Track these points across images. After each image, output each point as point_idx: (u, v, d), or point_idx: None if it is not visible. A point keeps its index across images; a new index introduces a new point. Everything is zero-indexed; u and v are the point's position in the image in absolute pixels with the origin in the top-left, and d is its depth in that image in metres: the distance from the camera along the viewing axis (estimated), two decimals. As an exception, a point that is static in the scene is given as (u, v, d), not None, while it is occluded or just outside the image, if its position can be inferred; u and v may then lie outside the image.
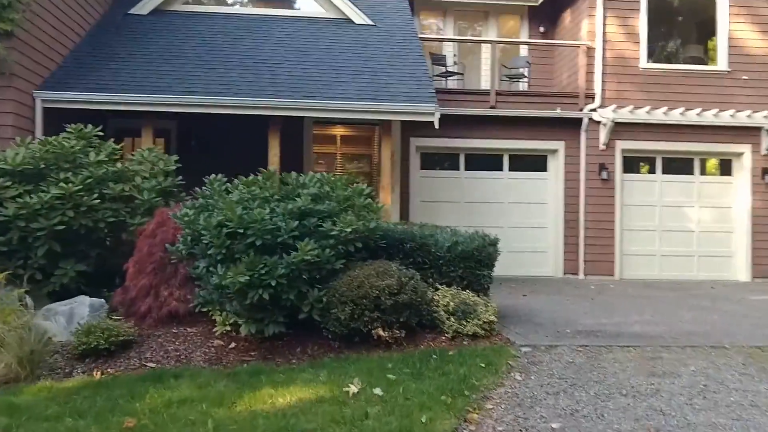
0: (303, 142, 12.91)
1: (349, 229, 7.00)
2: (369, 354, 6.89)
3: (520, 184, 14.75)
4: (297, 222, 6.84)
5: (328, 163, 14.40)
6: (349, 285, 6.88)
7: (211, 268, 6.90)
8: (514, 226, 14.65)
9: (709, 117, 14.27)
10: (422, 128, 13.75)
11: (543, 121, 14.42)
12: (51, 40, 10.93)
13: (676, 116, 14.23)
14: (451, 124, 13.99)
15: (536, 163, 14.92)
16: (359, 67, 11.93)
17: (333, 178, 7.80)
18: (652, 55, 14.65)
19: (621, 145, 14.42)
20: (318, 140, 13.76)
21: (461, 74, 15.38)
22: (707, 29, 14.94)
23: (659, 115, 14.22)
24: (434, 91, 11.42)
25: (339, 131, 14.93)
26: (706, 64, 14.97)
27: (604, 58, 14.33)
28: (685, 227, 14.72)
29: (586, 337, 7.79)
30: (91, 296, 8.11)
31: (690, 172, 14.86)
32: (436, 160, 14.95)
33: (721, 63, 14.62)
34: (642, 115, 14.22)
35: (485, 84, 15.84)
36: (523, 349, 7.11)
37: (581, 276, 14.32)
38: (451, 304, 7.48)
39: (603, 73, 14.33)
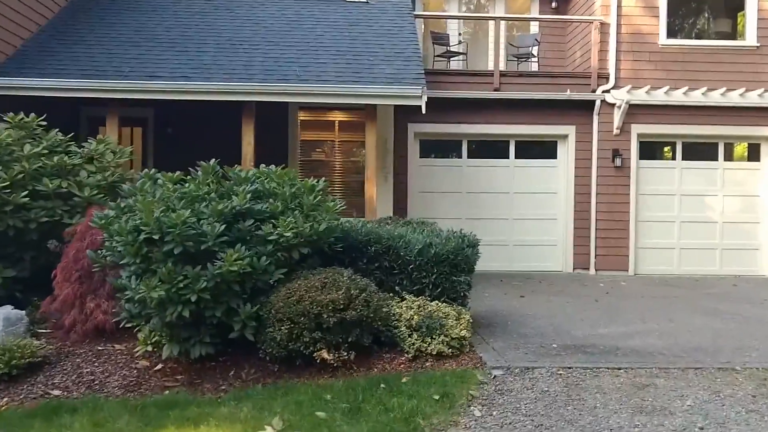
0: (288, 130, 11.86)
1: (289, 233, 5.94)
2: (311, 380, 5.84)
3: (527, 173, 13.51)
4: (224, 225, 5.79)
5: (326, 152, 13.29)
6: (287, 300, 5.83)
7: (133, 279, 5.91)
8: (520, 217, 13.44)
9: (735, 97, 12.84)
10: (420, 113, 12.54)
11: (552, 104, 13.13)
12: (9, 23, 10.00)
13: (698, 97, 12.82)
14: (453, 109, 12.83)
15: (545, 149, 13.65)
16: (344, 48, 10.82)
17: (281, 172, 6.73)
18: (672, 31, 13.21)
19: (637, 129, 13.06)
20: (312, 127, 12.65)
21: (464, 54, 14.12)
22: (734, 1, 13.46)
23: (679, 96, 12.82)
24: (423, 71, 10.25)
25: (337, 117, 13.75)
26: (733, 39, 13.50)
27: (619, 34, 12.96)
28: (708, 218, 13.33)
29: (574, 353, 6.63)
30: (26, 304, 7.23)
31: (713, 157, 13.44)
32: (437, 148, 13.77)
33: (750, 38, 13.13)
34: (660, 96, 12.84)
35: (493, 65, 14.55)
36: (494, 373, 5.99)
37: (592, 271, 13.07)
38: (415, 318, 6.38)
39: (617, 51, 12.97)
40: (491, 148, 13.69)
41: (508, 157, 13.54)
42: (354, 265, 7.00)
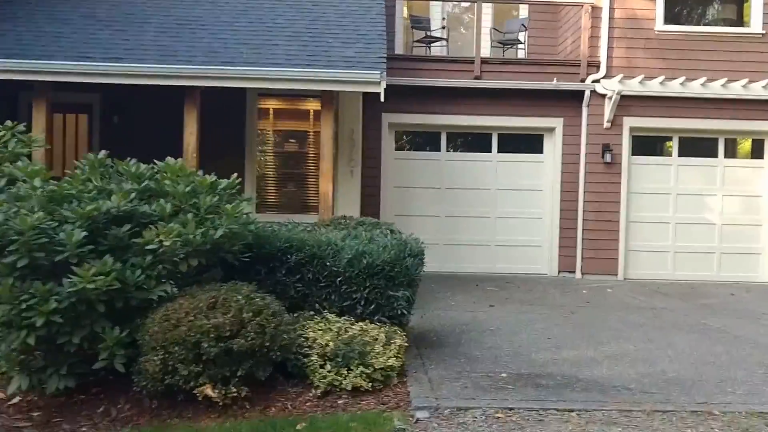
0: (245, 119, 10.70)
1: (168, 242, 4.79)
2: (194, 420, 4.72)
3: (511, 168, 12.27)
4: (86, 233, 4.65)
5: (299, 143, 12.03)
6: (163, 324, 4.68)
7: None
8: (503, 216, 12.22)
9: (737, 88, 11.51)
10: (395, 102, 11.44)
11: (538, 94, 11.87)
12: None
13: (697, 88, 11.51)
14: (431, 98, 11.64)
15: (530, 143, 12.41)
16: (301, 29, 9.62)
17: (177, 167, 5.57)
18: (670, 16, 11.86)
19: (629, 122, 11.78)
20: (276, 116, 11.46)
21: (445, 39, 12.87)
22: (738, -16, 12.14)
23: (676, 87, 11.52)
24: (384, 56, 9.03)
25: (303, 105, 12.51)
26: (736, 26, 12.15)
27: (611, 19, 11.66)
28: (705, 219, 12.04)
29: (524, 386, 5.44)
30: None
31: (712, 154, 12.12)
32: (414, 140, 12.59)
33: (755, 24, 11.78)
34: (654, 86, 11.55)
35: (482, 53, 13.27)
36: (417, 415, 4.81)
37: (578, 275, 11.85)
38: (331, 344, 5.22)
39: (610, 38, 11.68)
40: (473, 141, 12.49)
41: (490, 151, 12.32)
42: (272, 278, 5.87)
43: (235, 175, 5.86)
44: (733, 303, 9.75)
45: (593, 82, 11.67)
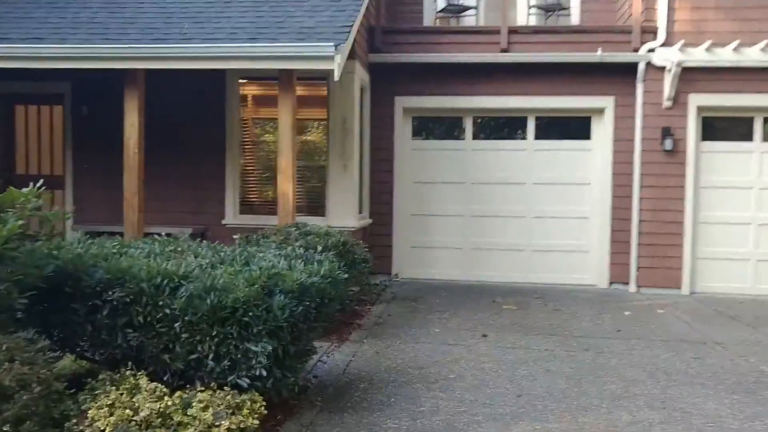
0: (225, 106, 9.09)
1: None
2: None
3: (550, 158, 10.03)
4: None
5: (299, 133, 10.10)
6: None
7: None
8: (540, 215, 10.03)
9: (843, 53, 8.71)
10: (411, 83, 9.66)
11: (582, 68, 9.57)
12: None
13: (786, 54, 8.81)
14: (453, 77, 9.71)
15: (574, 128, 10.11)
16: (262, -3, 7.85)
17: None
18: (752, -35, 9.20)
19: (696, 100, 9.24)
20: (262, 103, 9.66)
21: (473, 8, 10.71)
22: None
23: (756, 54, 8.88)
24: (350, 25, 7.10)
25: (305, 91, 10.75)
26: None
27: (674, -28, 9.16)
28: (798, 220, 9.33)
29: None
30: None
31: (809, 138, 9.36)
32: (433, 126, 10.57)
33: None
34: (727, 54, 8.96)
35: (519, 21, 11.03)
36: None
37: (632, 288, 9.49)
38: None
39: (672, -4, 9.19)
40: (504, 127, 10.34)
41: (525, 138, 10.13)
42: (93, 321, 4.20)
43: (41, 182, 4.20)
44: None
45: (649, 51, 9.21)
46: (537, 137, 10.08)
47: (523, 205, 10.04)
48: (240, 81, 9.14)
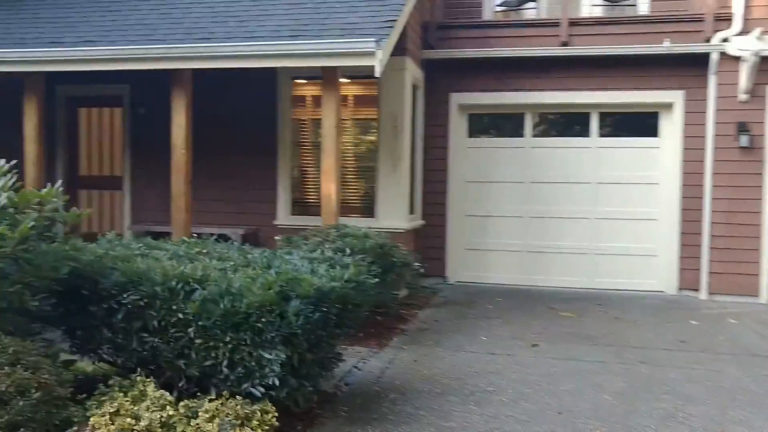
0: (277, 106, 9.00)
1: None
2: None
3: (616, 156, 9.50)
4: None
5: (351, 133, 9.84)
6: None
7: None
8: (605, 216, 9.51)
9: None
10: (467, 79, 9.38)
11: (648, 61, 9.02)
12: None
13: None
14: (511, 72, 9.36)
15: (641, 124, 9.54)
16: (312, -8, 7.71)
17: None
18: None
19: (776, 92, 8.53)
20: (315, 102, 9.53)
21: (533, 0, 10.25)
22: None
23: None
24: (391, 19, 6.85)
25: (348, 89, 10.47)
26: None
27: (752, -47, 8.49)
28: None
29: None
30: None
31: None
32: (491, 124, 10.19)
33: None
34: (812, 41, 8.21)
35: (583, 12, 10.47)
36: None
37: (703, 295, 8.86)
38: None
39: (749, -21, 8.51)
40: (565, 123, 9.87)
41: (588, 135, 9.62)
42: (108, 325, 4.13)
43: (59, 182, 4.17)
44: None
45: (722, 41, 8.56)
46: (601, 134, 9.57)
47: (587, 206, 9.55)
48: (293, 80, 9.02)
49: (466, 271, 9.82)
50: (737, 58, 8.51)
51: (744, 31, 8.45)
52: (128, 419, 3.43)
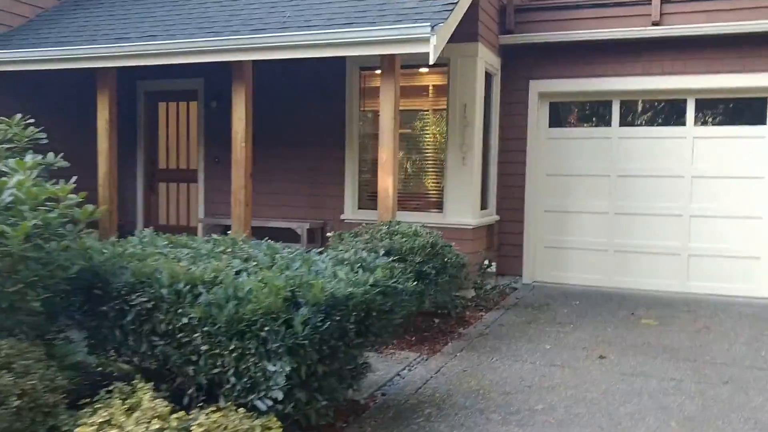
0: (345, 97, 8.71)
1: None
2: None
3: (714, 147, 8.60)
4: None
5: (411, 126, 9.40)
6: None
7: None
8: (701, 213, 8.63)
9: None
10: (548, 66, 8.86)
11: (753, 40, 8.08)
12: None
13: None
14: (596, 56, 8.70)
15: (744, 111, 8.57)
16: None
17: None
18: None
19: None
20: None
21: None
22: None
23: None
24: (452, 2, 6.37)
25: (422, 78, 9.95)
26: None
27: None
28: None
29: None
30: None
31: None
32: (573, 113, 9.47)
33: None
34: None
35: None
36: None
37: (814, 303, 7.83)
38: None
39: None
40: (657, 111, 9.02)
41: (683, 124, 8.75)
42: (120, 327, 3.98)
43: (74, 178, 4.04)
44: None
45: (841, 14, 7.47)
46: (698, 122, 8.68)
47: (680, 202, 8.69)
48: (361, 71, 8.71)
49: (545, 271, 9.21)
50: None
51: None
52: (115, 431, 3.22)
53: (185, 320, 3.73)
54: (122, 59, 7.31)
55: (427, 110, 8.58)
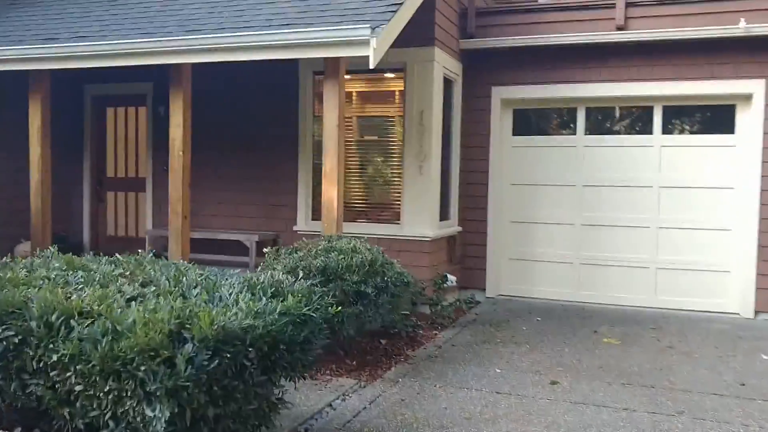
0: (298, 102, 8.25)
1: None
2: None
3: (683, 156, 8.23)
4: None
5: (374, 132, 8.88)
6: None
7: None
8: (669, 225, 8.25)
9: None
10: (511, 71, 8.47)
11: (721, 45, 7.72)
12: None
13: None
14: (561, 62, 8.30)
15: (713, 119, 8.22)
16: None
17: None
18: None
19: None
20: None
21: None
22: None
23: None
24: (394, 3, 5.94)
25: (373, 84, 9.39)
26: None
27: None
28: None
29: None
30: None
31: None
32: (537, 120, 9.07)
33: None
34: None
35: None
36: None
37: (786, 320, 7.46)
38: None
39: None
40: (623, 119, 8.66)
41: (651, 132, 8.40)
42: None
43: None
44: None
45: (811, 18, 7.12)
46: (665, 131, 8.30)
47: (648, 213, 8.31)
48: (314, 75, 8.26)
49: (510, 284, 8.80)
50: (830, 39, 7.05)
51: (839, 7, 6.99)
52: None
53: (55, 357, 3.26)
54: (50, 61, 6.84)
55: (387, 117, 8.15)
